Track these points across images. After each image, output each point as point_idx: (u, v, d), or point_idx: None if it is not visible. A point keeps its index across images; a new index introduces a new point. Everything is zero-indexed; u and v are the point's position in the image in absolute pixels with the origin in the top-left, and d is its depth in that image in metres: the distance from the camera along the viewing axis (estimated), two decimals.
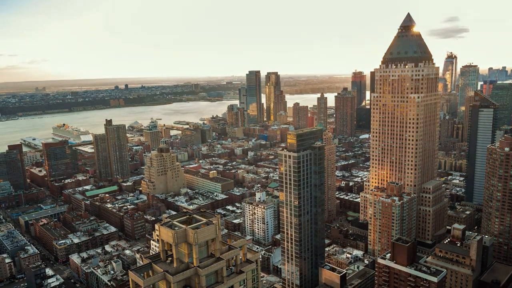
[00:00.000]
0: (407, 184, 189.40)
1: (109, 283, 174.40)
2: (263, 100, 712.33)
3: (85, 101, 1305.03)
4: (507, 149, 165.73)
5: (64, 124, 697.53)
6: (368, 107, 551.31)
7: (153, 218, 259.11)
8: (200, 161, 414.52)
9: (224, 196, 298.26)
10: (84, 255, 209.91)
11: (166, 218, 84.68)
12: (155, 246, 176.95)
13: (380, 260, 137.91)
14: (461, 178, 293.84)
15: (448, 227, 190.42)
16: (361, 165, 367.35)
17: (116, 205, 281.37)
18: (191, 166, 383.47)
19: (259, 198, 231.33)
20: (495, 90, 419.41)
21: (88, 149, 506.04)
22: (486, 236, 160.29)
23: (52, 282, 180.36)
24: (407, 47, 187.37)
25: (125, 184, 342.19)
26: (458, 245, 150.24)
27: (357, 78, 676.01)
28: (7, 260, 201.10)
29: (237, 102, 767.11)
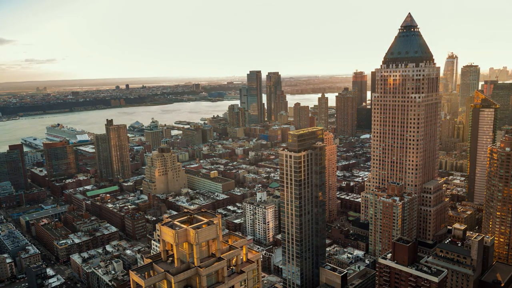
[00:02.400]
0: (408, 184, 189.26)
1: (110, 283, 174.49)
2: (264, 100, 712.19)
3: (86, 101, 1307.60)
4: (508, 149, 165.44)
5: (58, 124, 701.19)
6: (369, 107, 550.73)
7: (154, 218, 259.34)
8: (201, 161, 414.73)
9: (225, 196, 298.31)
10: (85, 255, 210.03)
11: (167, 218, 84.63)
12: (156, 246, 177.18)
13: (381, 260, 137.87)
14: (462, 178, 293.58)
15: (449, 227, 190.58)
16: (362, 165, 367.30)
17: (117, 205, 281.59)
18: (192, 166, 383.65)
19: (260, 198, 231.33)
20: (496, 90, 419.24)
21: (89, 149, 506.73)
22: (487, 236, 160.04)
23: (53, 282, 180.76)
24: (408, 47, 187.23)
25: (126, 184, 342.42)
26: (459, 245, 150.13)
27: (358, 78, 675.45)
28: (8, 260, 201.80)
29: (238, 102, 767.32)
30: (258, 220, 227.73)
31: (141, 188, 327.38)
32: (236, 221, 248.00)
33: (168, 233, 78.32)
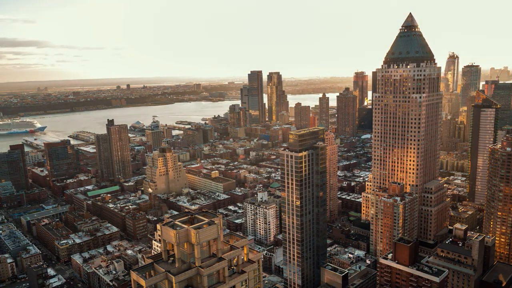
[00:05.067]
0: (409, 184, 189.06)
1: (111, 283, 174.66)
2: (265, 100, 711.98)
3: (87, 101, 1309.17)
4: (509, 149, 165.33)
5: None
6: (370, 107, 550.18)
7: (155, 218, 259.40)
8: (202, 161, 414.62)
9: (226, 196, 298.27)
10: (86, 255, 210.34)
11: (168, 218, 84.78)
12: (157, 246, 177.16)
13: (382, 260, 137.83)
14: (463, 178, 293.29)
15: (450, 227, 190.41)
16: (362, 165, 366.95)
17: (118, 205, 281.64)
18: (193, 166, 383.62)
19: (261, 198, 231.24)
20: (497, 90, 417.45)
21: (90, 149, 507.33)
22: (488, 236, 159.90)
23: (54, 282, 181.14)
24: (409, 47, 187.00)
25: (127, 184, 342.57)
26: (460, 245, 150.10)
27: (359, 78, 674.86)
28: (9, 260, 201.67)
29: (239, 102, 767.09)
30: (259, 220, 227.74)
31: (142, 188, 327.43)
32: (237, 221, 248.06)
33: (169, 233, 78.42)
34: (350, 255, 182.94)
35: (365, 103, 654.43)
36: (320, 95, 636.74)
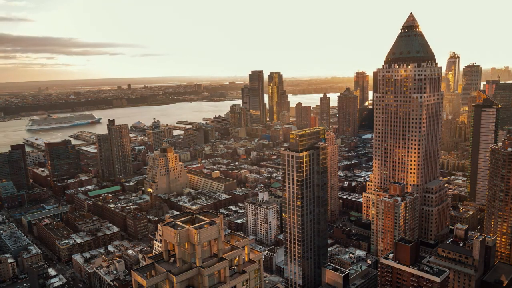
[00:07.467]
0: (410, 184, 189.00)
1: (112, 283, 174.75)
2: (266, 100, 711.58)
3: (88, 101, 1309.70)
4: (510, 149, 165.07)
5: None
6: (371, 107, 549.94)
7: (156, 218, 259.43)
8: (203, 161, 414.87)
9: (227, 196, 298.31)
10: (87, 255, 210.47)
11: (169, 218, 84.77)
12: (158, 246, 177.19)
13: (383, 260, 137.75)
14: (464, 178, 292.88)
15: (451, 227, 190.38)
16: (363, 165, 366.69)
17: (119, 205, 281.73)
18: (194, 166, 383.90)
19: (261, 198, 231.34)
20: (498, 90, 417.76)
21: (91, 149, 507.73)
22: (489, 236, 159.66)
23: (55, 282, 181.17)
24: (410, 47, 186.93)
25: (127, 184, 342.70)
26: (461, 245, 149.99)
27: (360, 78, 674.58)
28: (10, 260, 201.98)
29: (239, 102, 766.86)
30: (260, 220, 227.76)
31: (143, 188, 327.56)
32: (238, 221, 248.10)
33: (170, 233, 78.41)
34: (351, 255, 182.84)
35: (369, 101, 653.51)
36: (321, 95, 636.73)
